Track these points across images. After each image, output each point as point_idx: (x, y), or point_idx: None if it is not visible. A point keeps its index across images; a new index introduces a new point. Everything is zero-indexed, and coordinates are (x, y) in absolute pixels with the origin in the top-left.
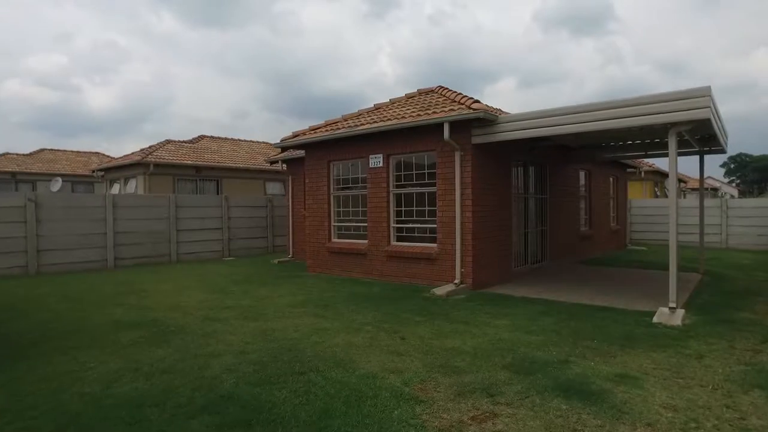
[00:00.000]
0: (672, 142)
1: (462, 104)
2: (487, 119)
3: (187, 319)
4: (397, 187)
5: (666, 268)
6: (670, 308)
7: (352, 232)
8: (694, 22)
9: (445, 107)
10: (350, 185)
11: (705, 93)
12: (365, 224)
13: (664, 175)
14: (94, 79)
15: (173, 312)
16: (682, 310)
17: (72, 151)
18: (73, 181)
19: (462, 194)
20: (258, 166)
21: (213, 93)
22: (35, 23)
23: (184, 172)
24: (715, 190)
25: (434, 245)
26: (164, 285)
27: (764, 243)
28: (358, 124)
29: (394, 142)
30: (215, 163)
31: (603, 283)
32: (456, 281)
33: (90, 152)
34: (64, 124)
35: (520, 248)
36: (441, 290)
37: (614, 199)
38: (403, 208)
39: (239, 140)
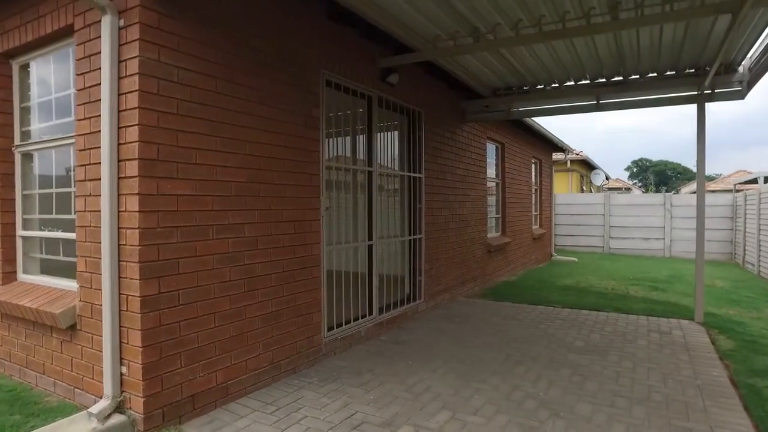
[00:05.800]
0: None
1: None
2: None
3: None
4: (28, 138)
5: (633, 309)
6: None
7: None
8: None
9: None
10: None
11: None
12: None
13: (591, 167)
14: None
15: None
16: None
17: None
18: None
19: (116, 145)
20: None
21: None
22: None
23: None
24: (628, 189)
25: (75, 288)
26: None
27: (711, 251)
28: None
29: (11, 21)
30: None
31: (536, 379)
32: (105, 402)
33: None
34: None
35: (353, 283)
36: None
37: (537, 191)
38: (36, 191)
39: None
